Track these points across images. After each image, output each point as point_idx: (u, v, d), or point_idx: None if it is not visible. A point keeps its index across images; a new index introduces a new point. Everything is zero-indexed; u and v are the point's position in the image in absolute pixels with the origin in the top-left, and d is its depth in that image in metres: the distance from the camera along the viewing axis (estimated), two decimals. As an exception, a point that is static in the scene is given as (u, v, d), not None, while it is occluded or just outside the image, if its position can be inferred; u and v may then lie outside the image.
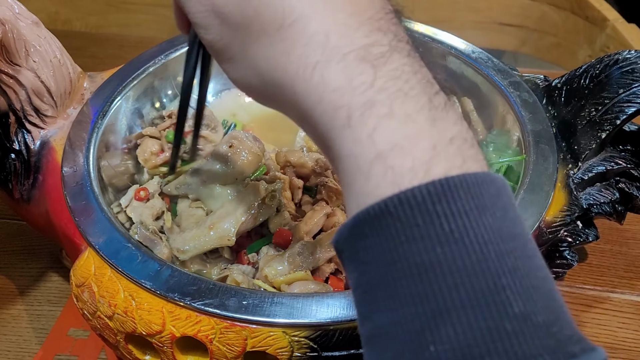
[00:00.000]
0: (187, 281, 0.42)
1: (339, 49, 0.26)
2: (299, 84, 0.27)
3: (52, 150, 0.54)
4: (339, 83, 0.25)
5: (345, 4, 0.27)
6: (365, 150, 0.24)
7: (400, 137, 0.24)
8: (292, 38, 0.27)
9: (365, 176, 0.24)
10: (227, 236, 0.49)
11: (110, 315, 0.43)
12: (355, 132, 0.25)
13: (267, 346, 0.40)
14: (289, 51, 0.27)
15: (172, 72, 0.65)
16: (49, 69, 0.53)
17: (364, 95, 0.25)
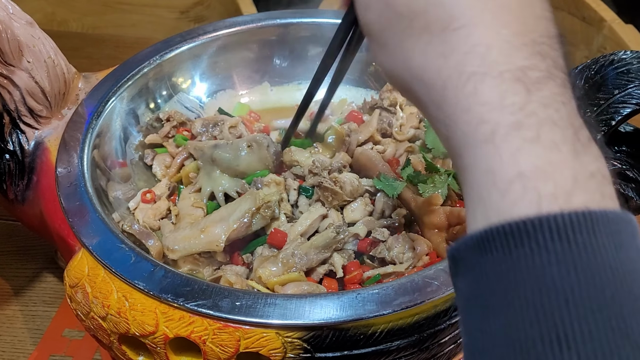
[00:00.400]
0: (180, 282, 0.42)
1: (498, 65, 0.26)
2: (450, 89, 0.27)
3: (46, 150, 0.54)
4: (491, 98, 0.26)
5: (512, 22, 0.27)
6: (505, 168, 0.24)
7: (544, 162, 0.24)
8: (454, 43, 0.27)
9: (501, 193, 0.24)
10: (217, 242, 0.49)
11: (104, 316, 0.43)
12: (498, 148, 0.25)
13: (261, 347, 0.40)
14: (447, 55, 0.27)
15: (167, 73, 0.65)
16: (43, 70, 0.53)
17: (513, 115, 0.25)
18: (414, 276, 0.42)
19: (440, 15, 0.28)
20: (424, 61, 0.29)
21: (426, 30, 0.28)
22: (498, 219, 0.24)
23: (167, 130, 0.61)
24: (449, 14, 0.27)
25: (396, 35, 0.30)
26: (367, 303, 0.40)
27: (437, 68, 0.28)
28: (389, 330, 0.40)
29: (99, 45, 1.04)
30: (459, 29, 0.27)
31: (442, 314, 0.41)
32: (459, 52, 0.27)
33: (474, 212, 0.26)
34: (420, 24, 0.28)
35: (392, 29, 0.30)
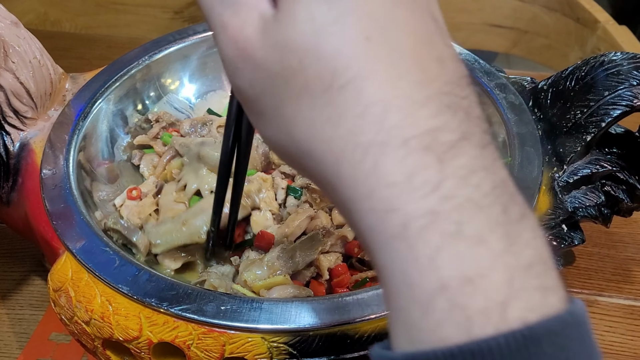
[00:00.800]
0: (164, 286, 0.41)
1: (400, 130, 0.21)
2: (345, 167, 0.22)
3: (31, 152, 0.53)
4: (396, 178, 0.20)
5: (410, 69, 0.22)
6: (425, 279, 0.20)
7: (470, 268, 0.19)
8: (343, 105, 0.21)
9: (423, 309, 0.20)
10: (198, 234, 0.49)
11: (87, 320, 0.42)
12: (412, 249, 0.20)
13: (246, 352, 0.39)
14: (336, 121, 0.22)
15: (156, 74, 0.65)
16: (29, 70, 0.52)
17: (426, 200, 0.20)
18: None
19: (321, 70, 0.22)
20: (308, 131, 0.23)
21: (307, 92, 0.22)
22: (421, 345, 0.20)
23: (156, 131, 0.61)
24: (331, 67, 0.22)
25: (274, 102, 0.24)
26: (354, 307, 0.40)
27: (327, 140, 0.22)
28: (376, 334, 0.40)
29: (91, 45, 1.03)
30: (344, 86, 0.21)
31: (430, 318, 0.41)
32: (350, 115, 0.21)
33: (396, 323, 0.21)
34: (298, 84, 0.22)
35: (268, 95, 0.24)
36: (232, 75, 0.25)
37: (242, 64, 0.24)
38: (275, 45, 0.23)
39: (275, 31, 0.23)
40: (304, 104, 0.23)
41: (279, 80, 0.23)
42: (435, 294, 0.20)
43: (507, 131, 0.53)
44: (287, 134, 0.24)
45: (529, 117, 0.54)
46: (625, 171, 0.51)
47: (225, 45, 0.24)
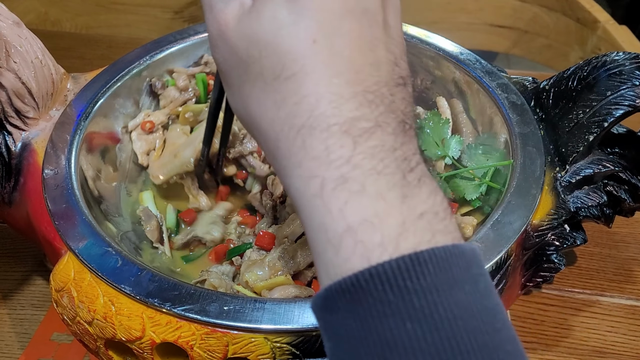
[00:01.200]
0: (167, 286, 0.41)
1: (326, 118, 0.26)
2: (283, 141, 0.27)
3: (33, 152, 0.53)
4: (318, 153, 0.26)
5: (345, 70, 0.27)
6: (335, 223, 0.25)
7: (370, 214, 0.25)
8: (285, 92, 0.27)
9: (335, 248, 0.25)
10: (188, 162, 0.56)
11: (90, 320, 0.42)
12: (327, 203, 0.25)
13: (249, 352, 0.39)
14: (279, 105, 0.27)
15: (158, 73, 0.64)
16: (30, 70, 0.52)
17: (339, 169, 0.25)
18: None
19: (274, 62, 0.27)
20: (258, 109, 0.29)
21: (261, 78, 0.28)
22: (335, 277, 0.24)
23: (197, 70, 0.65)
24: (281, 61, 0.27)
25: (238, 78, 0.30)
26: (357, 307, 0.40)
27: (270, 118, 0.28)
28: (379, 334, 0.40)
29: (92, 45, 1.03)
30: (290, 77, 0.27)
31: (433, 319, 0.41)
32: (289, 102, 0.27)
33: (319, 269, 0.26)
34: (255, 70, 0.28)
35: (235, 72, 0.30)
36: (213, 49, 0.31)
37: (220, 42, 0.30)
38: (244, 35, 0.28)
39: (246, 23, 0.28)
40: (258, 87, 0.28)
41: (243, 63, 0.29)
42: (344, 235, 0.25)
43: (509, 131, 0.53)
44: (244, 108, 0.30)
45: (531, 117, 0.54)
46: (628, 171, 0.51)
47: (210, 23, 0.30)
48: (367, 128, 0.26)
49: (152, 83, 0.64)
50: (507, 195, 0.47)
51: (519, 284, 0.51)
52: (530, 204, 0.47)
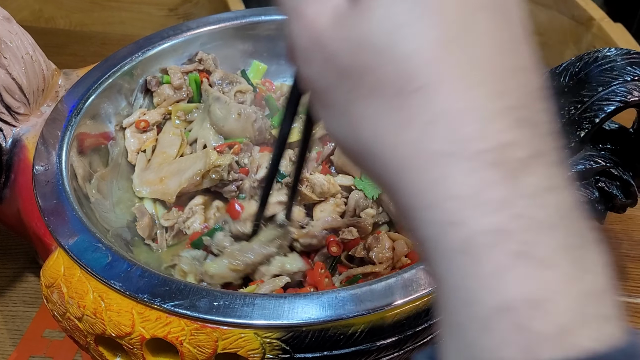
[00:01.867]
0: (157, 282, 0.41)
1: (470, 142, 0.20)
2: (409, 172, 0.21)
3: (24, 148, 0.53)
4: (462, 191, 0.20)
5: (487, 78, 0.20)
6: (488, 297, 0.19)
7: (538, 291, 0.19)
8: (412, 110, 0.21)
9: (483, 327, 0.19)
10: (170, 195, 0.56)
11: (80, 316, 0.42)
12: (476, 266, 0.19)
13: (239, 348, 0.39)
14: (404, 126, 0.21)
15: (149, 70, 0.64)
16: (21, 66, 0.52)
17: (492, 217, 0.19)
18: (394, 276, 0.41)
19: (394, 72, 0.21)
20: (374, 133, 0.22)
21: (376, 93, 0.22)
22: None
23: (191, 68, 0.65)
24: (404, 71, 0.21)
25: (341, 96, 0.23)
26: (347, 303, 0.40)
27: (392, 143, 0.21)
28: (369, 330, 0.40)
29: (85, 42, 1.02)
30: (417, 90, 0.20)
31: (423, 314, 0.41)
32: (419, 122, 0.21)
33: (450, 337, 0.21)
34: (369, 83, 0.22)
35: (336, 89, 0.23)
36: (303, 64, 0.25)
37: (313, 54, 0.24)
38: (348, 40, 0.22)
39: (350, 25, 0.22)
40: (373, 104, 0.22)
41: (350, 76, 0.22)
42: (498, 314, 0.19)
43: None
44: (353, 132, 0.23)
45: (523, 113, 0.54)
46: (619, 167, 0.51)
47: (298, 33, 0.24)
48: (523, 159, 0.20)
49: (147, 80, 0.64)
50: None
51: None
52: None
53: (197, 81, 0.64)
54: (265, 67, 0.70)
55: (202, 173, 0.55)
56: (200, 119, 0.61)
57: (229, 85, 0.64)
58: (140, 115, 0.61)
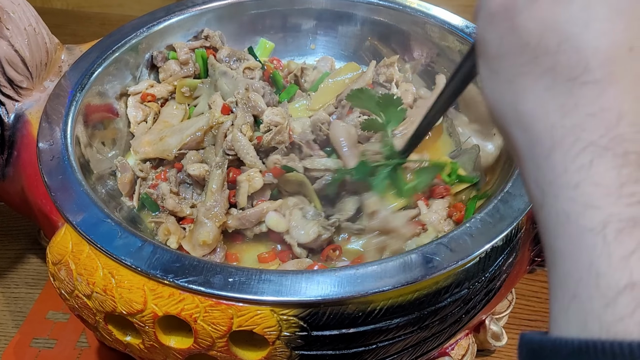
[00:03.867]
0: (169, 258, 0.40)
1: (623, 143, 0.22)
2: (560, 153, 0.23)
3: (27, 123, 0.51)
4: (607, 180, 0.22)
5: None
6: (614, 273, 0.21)
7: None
8: (579, 99, 0.23)
9: (605, 301, 0.21)
10: (169, 151, 0.55)
11: (89, 294, 0.41)
12: (608, 245, 0.21)
13: (254, 325, 0.38)
14: (566, 111, 0.23)
15: (155, 46, 0.63)
16: (23, 38, 0.50)
17: (631, 208, 0.21)
18: (414, 252, 0.40)
19: (573, 61, 0.23)
20: (535, 109, 0.24)
21: (550, 74, 0.24)
22: (600, 333, 0.21)
23: (197, 44, 0.64)
24: (583, 62, 0.23)
25: (513, 67, 0.25)
26: (366, 279, 0.38)
27: (550, 123, 0.23)
28: (388, 307, 0.39)
29: (84, 22, 1.00)
30: (590, 83, 0.22)
31: (444, 291, 0.40)
32: (581, 111, 0.23)
33: (566, 308, 0.22)
34: (545, 64, 0.24)
35: (510, 58, 0.25)
36: (484, 27, 0.27)
37: (501, 21, 0.25)
38: (540, 20, 0.24)
39: (547, 7, 0.24)
40: (543, 83, 0.24)
41: (529, 52, 0.24)
42: (624, 291, 0.20)
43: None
44: (512, 100, 0.25)
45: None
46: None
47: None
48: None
49: (153, 55, 0.62)
50: (514, 174, 0.46)
51: (527, 259, 0.50)
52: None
53: (204, 57, 0.63)
54: (272, 45, 0.68)
55: (204, 129, 0.54)
56: (206, 94, 0.60)
57: (236, 62, 0.62)
58: (148, 87, 0.60)
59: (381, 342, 0.40)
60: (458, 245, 0.41)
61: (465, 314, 0.44)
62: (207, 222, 0.48)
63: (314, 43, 0.69)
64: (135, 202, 0.53)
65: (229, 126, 0.53)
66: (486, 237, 0.41)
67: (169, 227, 0.49)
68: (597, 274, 0.21)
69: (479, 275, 0.41)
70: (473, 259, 0.41)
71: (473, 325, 0.54)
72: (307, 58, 0.69)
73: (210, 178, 0.51)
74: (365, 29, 0.67)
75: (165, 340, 0.40)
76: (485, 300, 0.45)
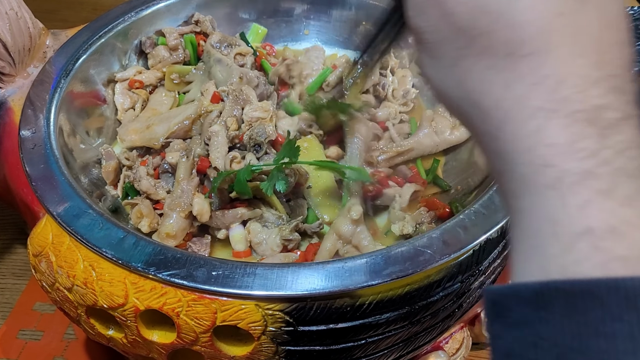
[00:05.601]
0: (152, 250, 0.39)
1: (569, 104, 0.23)
2: (510, 123, 0.24)
3: (9, 111, 0.50)
4: (558, 140, 0.23)
5: (590, 50, 0.23)
6: (571, 221, 0.22)
7: (617, 220, 0.22)
8: (521, 71, 0.24)
9: (564, 247, 0.22)
10: (156, 139, 0.53)
11: (69, 287, 0.40)
12: (564, 197, 0.22)
13: (239, 320, 0.37)
14: (510, 84, 0.24)
15: (143, 31, 0.61)
16: (5, 22, 0.48)
17: (583, 162, 0.22)
18: (404, 245, 0.39)
19: (508, 37, 0.24)
20: (481, 87, 0.25)
21: (488, 53, 0.25)
22: (559, 275, 0.22)
23: (187, 30, 0.62)
24: (518, 37, 0.24)
25: (452, 51, 0.26)
26: (355, 273, 0.37)
27: (497, 97, 0.25)
28: (378, 302, 0.37)
29: (76, 7, 0.99)
30: (528, 55, 0.23)
31: (435, 285, 0.39)
32: (524, 82, 0.24)
33: (527, 260, 0.24)
34: (482, 44, 0.25)
35: (448, 43, 0.26)
36: (416, 16, 0.27)
37: (431, 9, 0.26)
38: (468, 2, 0.25)
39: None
40: (483, 62, 0.25)
41: (464, 35, 0.25)
42: (579, 237, 0.22)
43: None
44: (458, 83, 0.26)
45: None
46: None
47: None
48: (614, 120, 0.23)
49: (141, 41, 0.60)
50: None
51: (523, 251, 0.48)
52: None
53: (193, 43, 0.61)
54: (265, 30, 0.66)
55: (192, 118, 0.53)
56: (199, 81, 0.58)
57: (227, 47, 0.60)
58: (136, 74, 0.58)
59: (371, 337, 0.39)
60: (451, 238, 0.39)
61: (458, 308, 0.43)
62: (171, 213, 0.48)
63: (308, 28, 0.67)
64: (120, 191, 0.52)
65: (215, 117, 0.51)
66: (480, 229, 0.40)
67: (141, 209, 0.48)
68: (554, 222, 0.22)
69: (473, 269, 0.40)
70: (466, 252, 0.39)
71: (468, 319, 0.53)
72: (301, 44, 0.68)
73: (178, 167, 0.50)
74: (359, 14, 0.65)
75: (147, 335, 0.39)
76: (479, 294, 0.44)
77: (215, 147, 0.49)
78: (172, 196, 0.49)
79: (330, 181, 0.51)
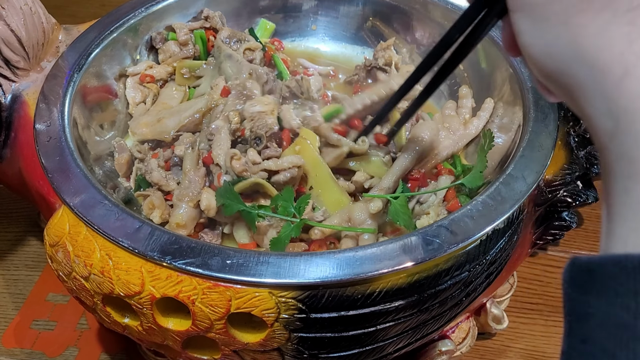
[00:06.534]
0: (167, 240, 0.39)
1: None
2: (632, 78, 0.24)
3: (24, 104, 0.51)
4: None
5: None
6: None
7: None
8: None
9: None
10: (167, 132, 0.55)
11: (86, 275, 0.40)
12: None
13: (253, 307, 0.38)
14: (633, 38, 0.24)
15: (154, 26, 0.62)
16: (19, 17, 0.49)
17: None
18: (414, 234, 0.40)
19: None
20: (599, 42, 0.25)
21: (609, 7, 0.24)
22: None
23: (197, 25, 0.63)
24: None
25: (566, 9, 0.26)
26: (366, 261, 0.38)
27: (618, 52, 0.24)
28: (388, 290, 0.38)
29: (84, 3, 0.99)
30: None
31: (444, 273, 0.40)
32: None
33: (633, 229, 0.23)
34: (601, 1, 0.25)
35: (561, 1, 0.26)
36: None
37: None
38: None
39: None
40: (604, 17, 0.25)
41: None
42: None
43: (521, 85, 0.51)
44: (569, 42, 0.26)
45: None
46: None
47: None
48: None
49: (152, 36, 0.61)
50: (520, 149, 0.45)
51: (529, 242, 0.49)
52: (544, 158, 0.45)
53: (203, 38, 0.62)
54: (273, 25, 0.67)
55: (202, 111, 0.54)
56: (209, 75, 0.59)
57: (237, 43, 0.61)
58: (147, 69, 0.59)
59: (380, 324, 0.40)
60: (459, 228, 0.40)
61: (466, 297, 0.44)
62: (180, 204, 0.48)
63: (315, 24, 0.68)
64: (132, 183, 0.53)
65: (220, 111, 0.52)
66: (487, 219, 0.41)
67: (153, 200, 0.49)
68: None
69: (480, 258, 0.41)
70: (474, 242, 0.40)
71: (474, 308, 0.54)
72: (308, 39, 0.68)
73: (184, 158, 0.51)
74: (367, 9, 0.66)
75: (163, 322, 0.40)
76: (486, 283, 0.45)
77: (217, 144, 0.50)
78: (180, 187, 0.50)
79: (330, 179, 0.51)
